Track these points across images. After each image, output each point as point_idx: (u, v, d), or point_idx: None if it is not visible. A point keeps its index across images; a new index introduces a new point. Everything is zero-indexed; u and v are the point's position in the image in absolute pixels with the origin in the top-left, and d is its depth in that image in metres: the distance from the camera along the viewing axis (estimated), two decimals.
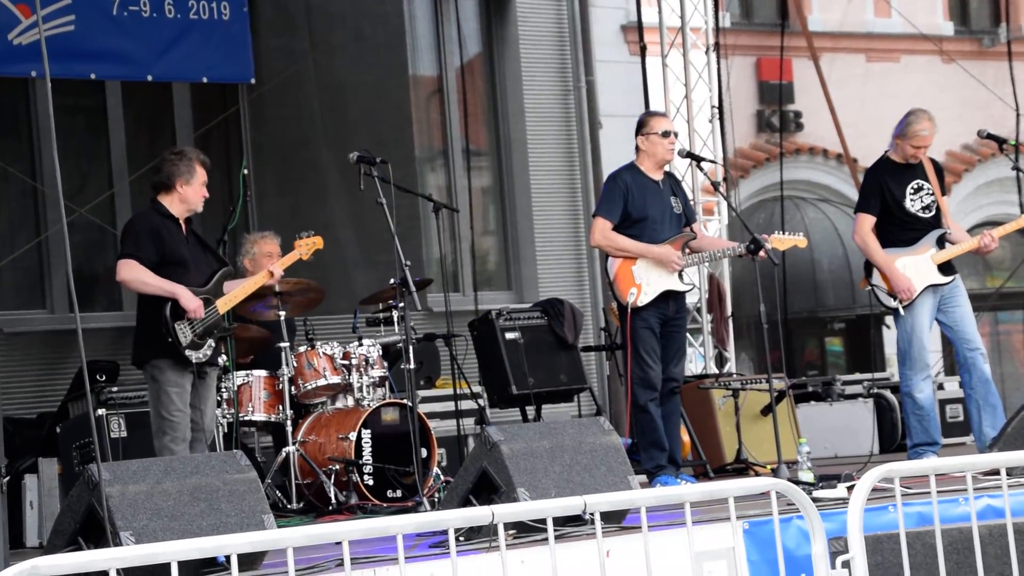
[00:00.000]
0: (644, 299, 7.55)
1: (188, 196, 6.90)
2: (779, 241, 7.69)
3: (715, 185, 8.28)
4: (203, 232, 7.47)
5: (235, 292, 7.02)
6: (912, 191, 7.99)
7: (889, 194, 7.96)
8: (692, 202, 9.36)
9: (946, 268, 8.00)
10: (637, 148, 7.72)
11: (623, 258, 7.61)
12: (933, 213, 8.02)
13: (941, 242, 8.02)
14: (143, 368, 6.90)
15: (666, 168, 7.81)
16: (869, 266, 8.09)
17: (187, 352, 6.76)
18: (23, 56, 8.88)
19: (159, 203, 6.94)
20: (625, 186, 7.61)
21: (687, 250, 7.69)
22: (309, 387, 7.81)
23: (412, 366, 7.15)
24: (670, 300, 7.61)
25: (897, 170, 8.01)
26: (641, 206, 7.61)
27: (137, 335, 6.91)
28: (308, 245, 7.40)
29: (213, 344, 6.85)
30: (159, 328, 6.75)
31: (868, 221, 7.99)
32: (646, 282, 7.57)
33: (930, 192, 8.01)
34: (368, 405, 7.76)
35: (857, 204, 8.18)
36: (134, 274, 6.81)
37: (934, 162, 8.14)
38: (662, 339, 7.59)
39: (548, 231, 11.43)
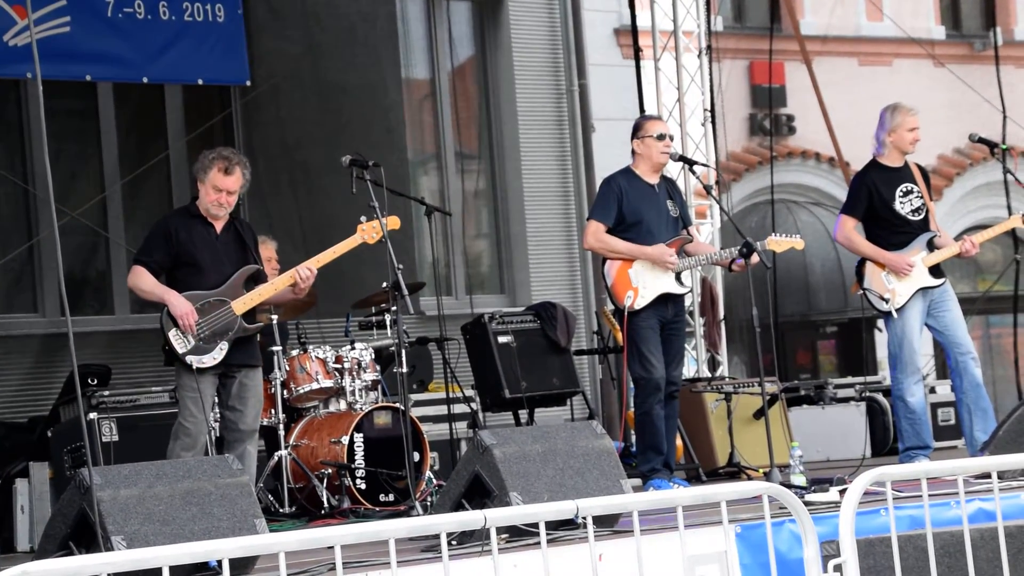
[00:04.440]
0: (641, 302, 7.56)
1: (201, 196, 6.87)
2: (776, 243, 7.69)
3: (707, 188, 8.28)
4: None
5: (257, 292, 6.89)
6: (901, 194, 8.01)
7: (878, 197, 7.98)
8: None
9: (936, 272, 8.02)
10: (633, 152, 7.73)
11: (620, 261, 7.61)
12: (923, 216, 8.04)
13: (931, 245, 8.04)
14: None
15: (663, 172, 7.82)
16: (860, 270, 8.10)
17: (188, 358, 6.69)
18: (19, 57, 8.87)
19: (193, 202, 6.94)
20: (620, 189, 7.62)
21: (683, 253, 7.69)
22: (301, 391, 7.81)
23: (405, 370, 7.14)
24: (668, 303, 7.62)
25: (886, 173, 8.04)
26: (636, 209, 7.62)
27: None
28: (375, 227, 6.89)
29: (227, 346, 6.73)
30: (162, 334, 6.74)
31: (850, 222, 8.03)
32: (643, 285, 7.57)
33: (919, 195, 8.03)
34: (360, 409, 7.76)
35: (842, 206, 8.21)
36: (134, 281, 6.84)
37: (920, 167, 8.17)
38: (661, 342, 7.59)
39: (541, 234, 11.44)
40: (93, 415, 7.72)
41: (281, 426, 7.67)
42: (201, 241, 6.82)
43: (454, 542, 5.22)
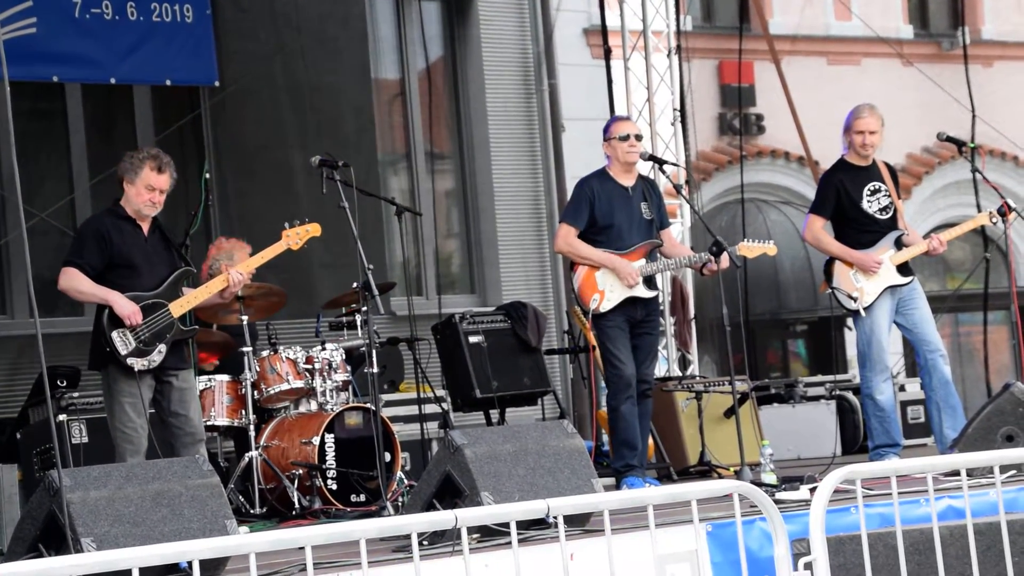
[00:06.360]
0: (607, 305, 7.58)
1: (130, 196, 6.79)
2: (748, 249, 7.71)
3: (677, 188, 8.30)
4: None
5: (193, 294, 6.92)
6: (869, 192, 8.05)
7: (846, 196, 8.02)
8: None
9: (904, 270, 8.06)
10: (606, 154, 7.76)
11: (587, 265, 7.63)
12: (890, 215, 8.08)
13: (899, 244, 8.08)
14: (100, 373, 6.82)
15: (642, 172, 7.84)
16: (829, 270, 8.14)
17: (129, 360, 6.63)
18: None
19: (118, 204, 6.86)
20: (592, 193, 7.64)
21: (655, 256, 7.71)
22: (272, 392, 7.79)
23: (375, 370, 7.14)
24: (637, 304, 7.64)
25: (853, 172, 8.08)
26: (608, 213, 7.63)
27: (91, 341, 6.82)
28: (299, 234, 7.10)
29: (165, 349, 6.72)
30: (100, 336, 6.67)
31: (818, 222, 8.07)
32: (609, 288, 7.59)
33: (886, 194, 8.08)
34: (331, 409, 7.75)
35: (811, 205, 8.25)
36: (70, 283, 6.72)
37: (888, 165, 8.21)
38: (633, 341, 7.61)
39: (511, 234, 11.44)
40: (62, 417, 7.68)
41: (252, 427, 7.65)
42: (133, 243, 6.77)
43: (425, 542, 5.22)
